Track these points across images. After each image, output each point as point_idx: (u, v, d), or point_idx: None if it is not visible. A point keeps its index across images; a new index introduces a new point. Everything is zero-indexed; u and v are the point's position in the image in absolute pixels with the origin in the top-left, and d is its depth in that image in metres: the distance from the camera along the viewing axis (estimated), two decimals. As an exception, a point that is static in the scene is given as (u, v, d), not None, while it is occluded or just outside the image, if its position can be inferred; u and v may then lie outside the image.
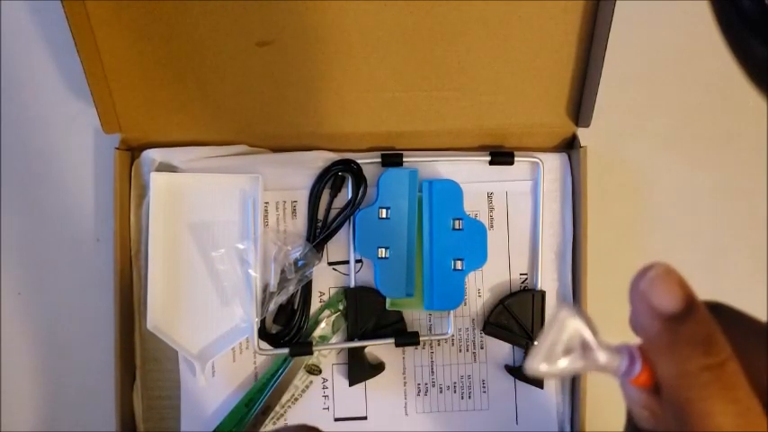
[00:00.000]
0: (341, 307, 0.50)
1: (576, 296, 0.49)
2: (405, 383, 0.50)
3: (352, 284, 0.49)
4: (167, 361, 0.49)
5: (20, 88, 0.52)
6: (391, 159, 0.49)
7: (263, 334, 0.48)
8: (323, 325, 0.50)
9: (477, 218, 0.50)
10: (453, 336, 0.50)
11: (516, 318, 0.49)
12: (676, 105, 0.53)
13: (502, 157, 0.50)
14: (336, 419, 0.50)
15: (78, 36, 0.44)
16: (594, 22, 0.45)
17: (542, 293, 0.49)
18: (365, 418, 0.50)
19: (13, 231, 0.52)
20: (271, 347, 0.48)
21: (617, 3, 0.43)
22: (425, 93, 0.48)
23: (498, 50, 0.47)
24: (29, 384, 0.51)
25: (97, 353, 0.50)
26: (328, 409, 0.50)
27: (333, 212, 0.50)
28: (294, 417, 0.50)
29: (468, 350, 0.50)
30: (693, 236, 0.51)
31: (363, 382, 0.49)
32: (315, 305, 0.50)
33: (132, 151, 0.50)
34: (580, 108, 0.48)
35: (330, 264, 0.50)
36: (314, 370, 0.50)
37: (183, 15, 0.45)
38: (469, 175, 0.50)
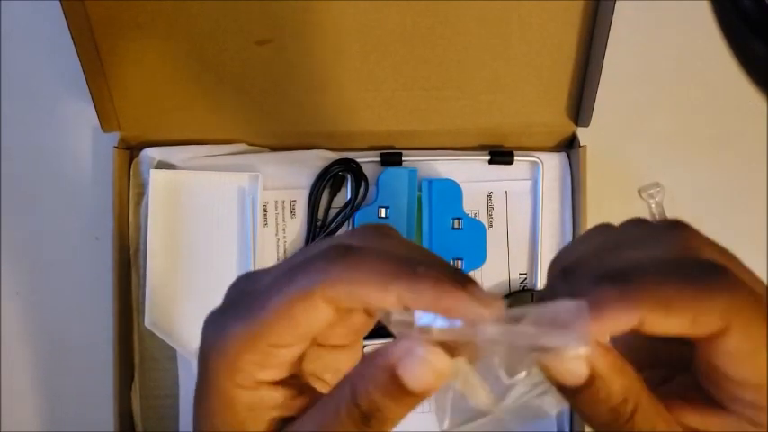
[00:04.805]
0: (340, 306, 0.49)
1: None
2: (404, 383, 0.50)
3: (352, 284, 0.49)
4: (166, 360, 0.49)
5: (19, 87, 0.52)
6: (391, 158, 0.49)
7: (262, 333, 0.48)
8: (322, 324, 0.49)
9: (477, 217, 0.50)
10: (452, 335, 0.50)
11: (515, 317, 0.49)
12: (676, 105, 0.53)
13: (501, 156, 0.50)
14: (335, 419, 0.50)
15: (77, 35, 0.44)
16: (594, 21, 0.45)
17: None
18: (364, 417, 0.50)
19: (12, 230, 0.51)
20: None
21: (617, 2, 0.43)
22: (425, 92, 0.48)
23: (498, 50, 0.47)
24: (28, 383, 0.51)
25: (96, 352, 0.50)
26: (327, 408, 0.50)
27: (332, 212, 0.49)
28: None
29: (467, 350, 0.50)
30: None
31: (362, 382, 0.49)
32: (314, 304, 0.50)
33: (131, 150, 0.50)
34: (580, 107, 0.48)
35: (329, 263, 0.50)
36: (313, 369, 0.50)
37: (182, 14, 0.45)
38: (469, 174, 0.50)
